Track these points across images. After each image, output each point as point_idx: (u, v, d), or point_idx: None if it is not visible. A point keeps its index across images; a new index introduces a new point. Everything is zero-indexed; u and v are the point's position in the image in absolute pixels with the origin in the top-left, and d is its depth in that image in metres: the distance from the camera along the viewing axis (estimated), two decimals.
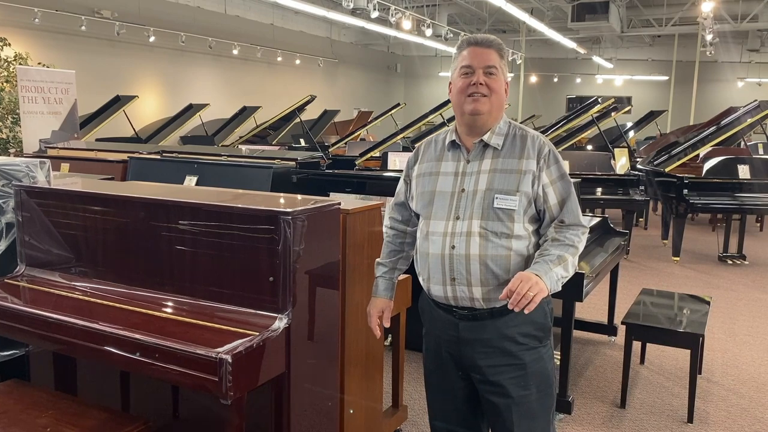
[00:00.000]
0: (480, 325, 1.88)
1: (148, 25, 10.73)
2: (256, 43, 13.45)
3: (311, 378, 2.18)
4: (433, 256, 1.90)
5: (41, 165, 2.81)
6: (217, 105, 11.31)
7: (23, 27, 9.16)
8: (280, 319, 2.04)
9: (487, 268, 1.83)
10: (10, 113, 8.01)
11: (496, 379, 1.89)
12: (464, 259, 1.84)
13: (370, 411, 2.64)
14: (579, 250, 1.88)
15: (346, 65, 17.79)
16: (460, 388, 1.99)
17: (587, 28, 15.16)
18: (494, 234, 1.82)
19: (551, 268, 1.78)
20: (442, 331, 1.96)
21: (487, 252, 1.83)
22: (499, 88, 1.88)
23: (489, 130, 1.89)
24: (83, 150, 5.85)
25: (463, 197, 1.87)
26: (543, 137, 1.93)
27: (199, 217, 2.21)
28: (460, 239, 1.85)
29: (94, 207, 2.45)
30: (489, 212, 1.83)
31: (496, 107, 1.89)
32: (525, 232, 1.85)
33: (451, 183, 1.91)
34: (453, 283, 1.87)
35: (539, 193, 1.86)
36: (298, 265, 2.06)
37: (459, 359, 1.94)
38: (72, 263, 2.51)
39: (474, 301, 1.86)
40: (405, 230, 2.16)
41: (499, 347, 1.88)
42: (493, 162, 1.88)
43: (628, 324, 3.32)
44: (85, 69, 9.52)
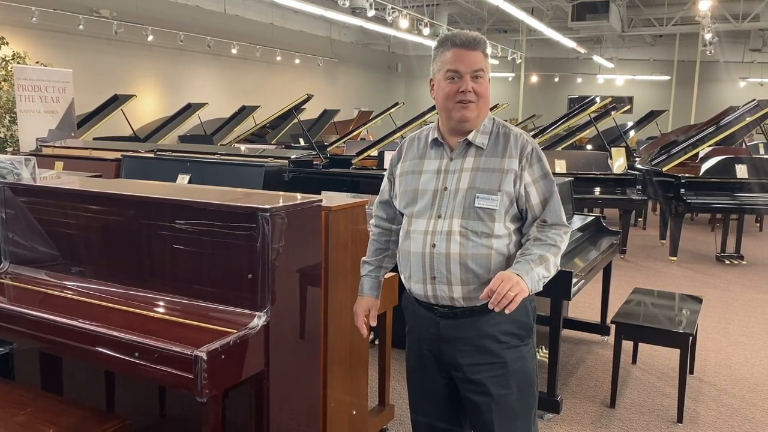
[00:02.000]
0: (460, 323, 1.87)
1: (147, 24, 10.73)
2: (256, 42, 13.45)
3: (292, 376, 2.17)
4: (414, 255, 1.89)
5: (26, 162, 2.80)
6: (216, 104, 11.31)
7: (21, 26, 9.17)
8: (259, 316, 2.02)
9: (467, 268, 1.82)
10: (8, 112, 8.02)
11: (477, 377, 1.88)
12: (444, 258, 1.83)
13: (354, 409, 2.62)
14: (561, 249, 1.87)
15: (346, 65, 17.78)
16: (441, 387, 1.98)
17: (588, 28, 15.14)
18: (474, 233, 1.81)
19: (532, 267, 1.77)
20: (424, 329, 1.95)
21: (467, 251, 1.81)
22: (485, 91, 1.87)
23: (474, 129, 1.88)
24: (78, 149, 5.85)
25: (446, 195, 1.86)
26: (526, 135, 1.91)
27: (178, 214, 2.20)
28: (440, 238, 1.83)
29: (76, 204, 2.45)
30: (470, 211, 1.82)
31: (483, 110, 1.89)
32: (506, 231, 1.84)
33: (434, 181, 1.89)
34: (433, 281, 1.86)
35: (521, 193, 1.84)
36: (278, 262, 2.04)
37: (440, 357, 1.93)
38: (55, 260, 2.50)
39: (454, 300, 1.85)
40: (390, 228, 2.15)
41: (479, 345, 1.87)
42: (476, 160, 1.86)
43: (618, 323, 3.30)
44: (83, 68, 9.53)
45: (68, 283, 2.42)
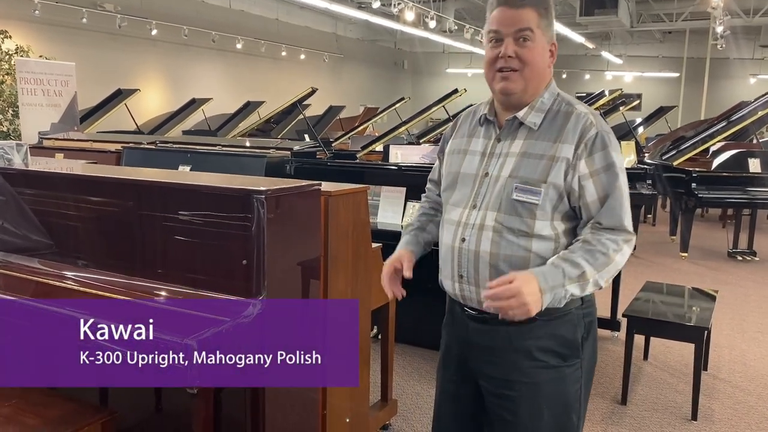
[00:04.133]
0: (490, 330, 1.60)
1: (151, 19, 10.66)
2: (261, 37, 13.37)
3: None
4: (445, 247, 1.65)
5: (18, 148, 2.72)
6: (220, 100, 11.23)
7: (24, 20, 9.10)
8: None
9: (498, 271, 1.53)
10: (11, 106, 7.97)
11: (504, 392, 1.60)
12: (473, 256, 1.57)
13: (355, 405, 2.52)
14: (614, 263, 1.50)
15: (352, 61, 17.68)
16: (467, 393, 1.71)
17: (596, 23, 14.95)
18: (510, 231, 1.53)
19: (564, 284, 1.45)
20: (455, 328, 1.71)
21: (500, 251, 1.54)
22: (534, 57, 1.54)
23: (527, 104, 1.59)
24: (79, 141, 5.79)
25: (485, 183, 1.59)
26: (593, 116, 1.56)
27: (170, 198, 2.12)
28: (471, 232, 1.57)
29: (65, 189, 2.37)
30: (507, 204, 1.53)
31: (533, 82, 1.57)
32: (552, 232, 1.53)
33: (477, 164, 1.62)
34: (461, 280, 1.61)
35: (573, 187, 1.51)
36: (274, 248, 1.95)
37: (466, 362, 1.68)
38: (46, 248, 2.41)
39: (482, 305, 1.55)
40: (440, 201, 1.83)
41: (509, 360, 1.57)
42: (525, 143, 1.56)
43: (630, 317, 3.19)
44: (87, 62, 9.46)
45: (59, 270, 2.33)
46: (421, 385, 3.36)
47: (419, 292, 2.58)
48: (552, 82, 1.63)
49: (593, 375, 1.70)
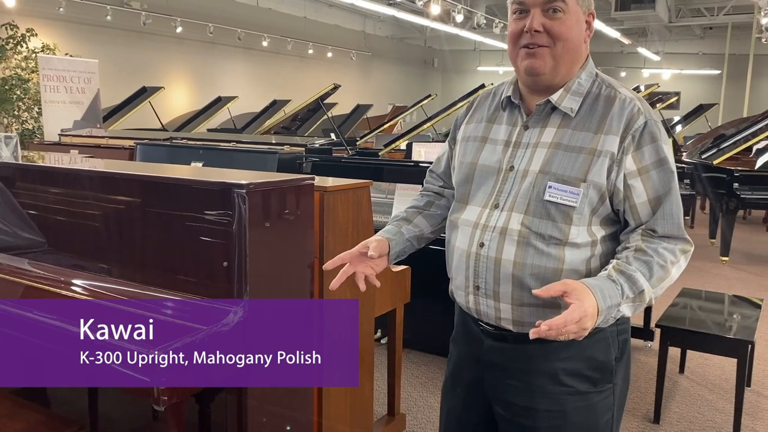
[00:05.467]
0: (510, 349, 1.37)
1: (176, 16, 10.63)
2: (288, 35, 13.28)
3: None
4: (458, 252, 1.40)
5: (6, 140, 2.59)
6: (246, 98, 11.16)
7: (49, 18, 9.14)
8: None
9: (522, 285, 1.31)
10: (36, 103, 7.98)
11: (524, 422, 1.38)
12: (493, 265, 1.33)
13: (356, 420, 2.31)
14: (670, 277, 1.29)
15: (381, 59, 17.49)
16: (478, 421, 1.49)
17: (632, 18, 14.48)
18: (539, 237, 1.30)
19: (620, 303, 1.22)
20: (466, 344, 1.48)
21: (526, 260, 1.30)
22: (567, 31, 1.30)
23: (561, 87, 1.34)
24: (95, 137, 5.73)
25: (510, 178, 1.35)
26: (640, 102, 1.32)
27: (148, 192, 1.95)
28: (492, 236, 1.33)
29: (42, 182, 2.23)
30: (537, 205, 1.30)
31: (566, 61, 1.32)
32: (589, 238, 1.31)
33: (499, 156, 1.38)
34: (477, 292, 1.37)
35: (618, 187, 1.28)
36: (259, 248, 1.75)
37: (480, 384, 1.44)
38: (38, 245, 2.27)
39: (501, 321, 1.36)
40: (441, 192, 1.62)
41: (532, 384, 1.35)
42: (560, 132, 1.32)
43: (663, 327, 2.91)
44: (112, 60, 9.47)
45: (27, 267, 2.18)
46: (434, 398, 3.13)
47: (434, 293, 2.35)
48: (589, 60, 1.38)
49: (626, 401, 1.46)
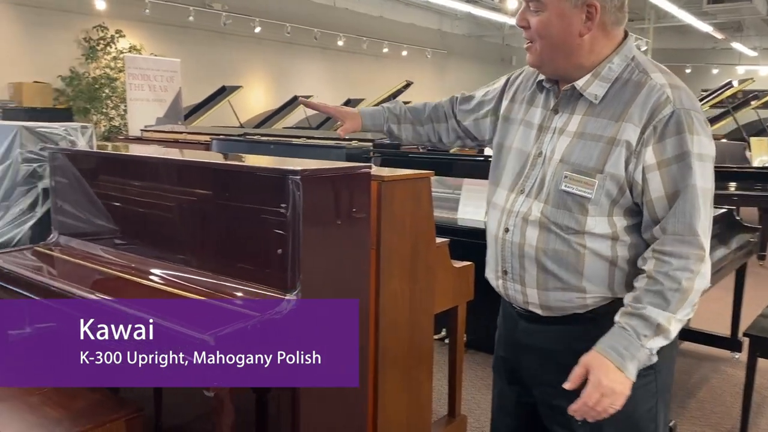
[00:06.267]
0: (544, 331, 1.37)
1: (255, 16, 10.90)
2: (363, 34, 13.36)
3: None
4: (490, 236, 1.43)
5: (83, 130, 2.68)
6: (322, 97, 11.28)
7: (135, 19, 9.56)
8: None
9: (546, 269, 1.31)
10: (123, 102, 8.38)
11: (559, 404, 1.33)
12: (517, 250, 1.34)
13: (413, 418, 2.23)
14: (694, 290, 1.22)
15: (457, 57, 17.31)
16: (520, 405, 1.50)
17: (727, 12, 13.63)
18: (557, 226, 1.29)
19: (643, 344, 1.19)
20: (505, 327, 1.50)
21: (548, 246, 1.30)
22: (543, 29, 1.26)
23: (588, 72, 1.28)
24: (173, 133, 5.94)
25: (537, 164, 1.33)
26: (673, 89, 1.23)
27: (206, 178, 1.96)
28: (515, 222, 1.34)
29: (112, 171, 2.29)
30: (555, 195, 1.28)
31: (554, 56, 1.28)
32: (610, 229, 1.27)
33: (532, 140, 1.36)
34: (505, 276, 1.39)
35: (636, 180, 1.23)
36: (313, 236, 1.72)
37: (517, 368, 1.45)
38: (99, 231, 2.34)
39: (528, 305, 1.37)
40: (447, 117, 1.67)
41: (566, 365, 1.29)
42: (584, 120, 1.28)
43: (753, 336, 2.67)
44: (193, 60, 9.81)
45: (100, 254, 2.24)
46: None
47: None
48: (626, 42, 1.31)
49: (670, 392, 1.39)
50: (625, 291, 1.28)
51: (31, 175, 2.52)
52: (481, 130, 1.59)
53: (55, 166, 2.48)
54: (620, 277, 1.29)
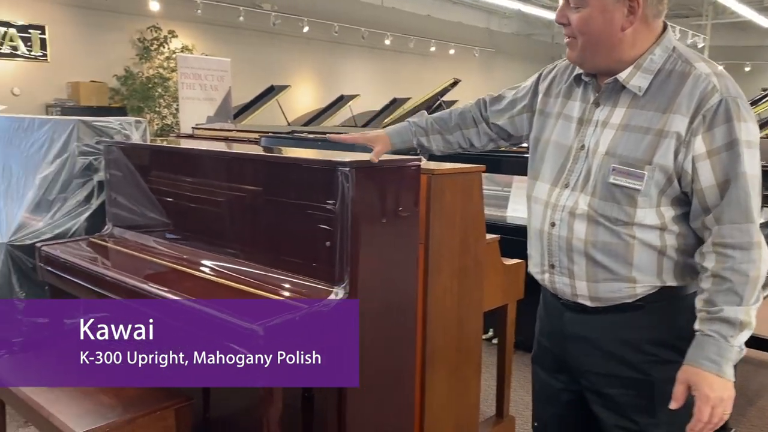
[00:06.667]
0: (590, 321, 1.38)
1: (304, 16, 11.01)
2: (410, 33, 13.33)
3: (376, 368, 1.81)
4: (533, 230, 1.44)
5: (136, 124, 2.74)
6: (368, 97, 11.34)
7: (188, 20, 9.77)
8: (336, 292, 1.69)
9: (595, 261, 1.32)
10: (175, 101, 8.58)
11: (609, 392, 1.38)
12: (565, 244, 1.35)
13: (460, 418, 2.19)
14: (761, 276, 1.23)
15: (505, 56, 17.10)
16: (565, 394, 1.50)
17: None
18: (606, 219, 1.29)
19: (731, 344, 1.21)
20: (547, 318, 1.51)
21: (597, 238, 1.30)
22: (583, 26, 1.26)
23: (629, 65, 1.28)
24: (223, 131, 6.04)
25: (580, 158, 1.34)
26: (718, 77, 1.24)
27: (257, 171, 1.97)
28: (562, 216, 1.35)
29: (164, 164, 2.33)
30: (603, 188, 1.29)
31: (595, 52, 1.29)
32: (658, 220, 1.28)
33: (573, 133, 1.37)
34: (551, 270, 1.40)
35: (685, 169, 1.23)
36: (361, 228, 1.70)
37: (564, 358, 1.46)
38: (152, 223, 2.38)
39: (577, 298, 1.38)
40: (478, 122, 1.65)
41: (613, 353, 1.36)
42: (628, 113, 1.28)
43: None
44: (242, 60, 9.96)
45: (152, 246, 2.28)
46: None
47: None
48: (666, 34, 1.31)
49: None
50: (673, 278, 1.31)
51: (87, 168, 2.59)
52: (518, 127, 1.60)
53: (110, 160, 2.54)
54: (669, 265, 1.31)
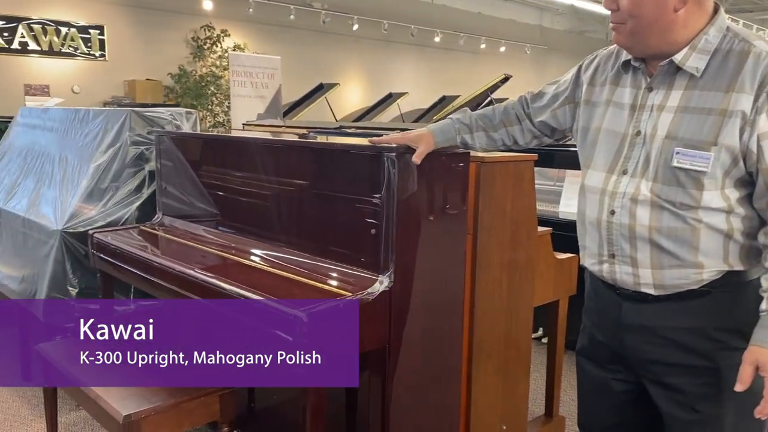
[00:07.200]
0: (652, 310, 1.35)
1: (353, 14, 11.04)
2: (460, 31, 13.22)
3: (420, 361, 1.76)
4: (588, 220, 1.41)
5: (187, 115, 2.78)
6: (416, 94, 11.28)
7: (240, 19, 9.93)
8: (381, 281, 1.66)
9: (660, 248, 1.29)
10: (227, 99, 8.72)
11: (673, 381, 1.36)
12: (627, 231, 1.32)
13: (508, 416, 2.13)
14: None
15: (558, 53, 16.76)
16: (620, 385, 1.47)
17: None
18: (671, 204, 1.28)
19: None
20: (601, 312, 1.46)
21: (662, 224, 1.29)
22: (634, 9, 1.25)
23: (683, 47, 1.26)
24: (272, 127, 6.10)
25: (637, 144, 1.32)
26: None
27: (303, 158, 1.96)
28: (622, 203, 1.32)
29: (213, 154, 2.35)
30: (665, 172, 1.27)
31: (647, 35, 1.27)
32: (724, 203, 1.26)
33: (626, 120, 1.35)
34: (612, 260, 1.37)
35: (750, 149, 1.22)
36: (407, 216, 1.67)
37: (620, 350, 1.42)
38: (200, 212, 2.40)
39: (640, 287, 1.34)
40: (521, 119, 1.62)
41: (678, 341, 1.34)
42: (686, 95, 1.27)
43: None
44: (292, 58, 10.04)
45: (201, 234, 2.30)
46: None
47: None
48: (719, 13, 1.29)
49: None
50: (739, 262, 1.29)
51: (139, 157, 2.63)
52: (560, 120, 1.57)
53: (161, 150, 2.57)
54: (735, 249, 1.29)
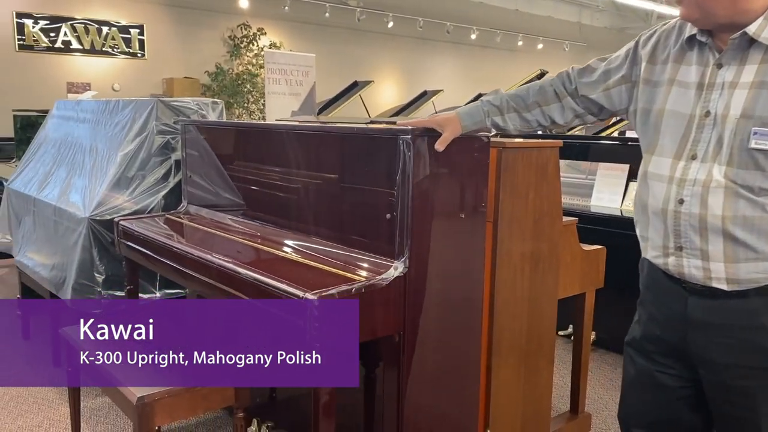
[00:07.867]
0: (721, 306, 1.27)
1: (388, 11, 11.02)
2: (496, 28, 13.07)
3: (436, 351, 1.72)
4: (652, 210, 1.32)
5: (213, 105, 2.79)
6: (451, 92, 11.18)
7: (276, 18, 10.01)
8: (395, 266, 1.62)
9: (735, 239, 1.21)
10: (263, 96, 8.79)
11: (740, 384, 1.28)
12: (698, 222, 1.24)
13: (530, 410, 2.07)
14: None
15: (597, 51, 16.28)
16: (672, 384, 1.39)
17: None
18: (748, 189, 1.20)
19: None
20: (662, 304, 1.37)
21: (737, 213, 1.20)
22: None
23: (759, 16, 1.19)
24: (306, 122, 6.12)
25: (707, 126, 1.24)
26: None
27: (320, 143, 1.93)
28: (693, 191, 1.24)
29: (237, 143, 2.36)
30: (741, 155, 1.19)
31: (717, 5, 1.20)
32: None
33: (693, 100, 1.27)
34: (679, 253, 1.28)
35: None
36: (423, 201, 1.62)
37: (682, 346, 1.33)
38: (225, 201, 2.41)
39: (711, 281, 1.26)
40: (562, 97, 1.51)
41: (749, 340, 1.25)
42: (762, 68, 1.19)
43: None
44: (327, 56, 10.07)
45: (225, 222, 2.30)
46: None
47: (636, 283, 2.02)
48: None
49: None
50: None
51: (165, 146, 2.65)
52: (614, 101, 1.46)
53: (187, 139, 2.59)
54: None
